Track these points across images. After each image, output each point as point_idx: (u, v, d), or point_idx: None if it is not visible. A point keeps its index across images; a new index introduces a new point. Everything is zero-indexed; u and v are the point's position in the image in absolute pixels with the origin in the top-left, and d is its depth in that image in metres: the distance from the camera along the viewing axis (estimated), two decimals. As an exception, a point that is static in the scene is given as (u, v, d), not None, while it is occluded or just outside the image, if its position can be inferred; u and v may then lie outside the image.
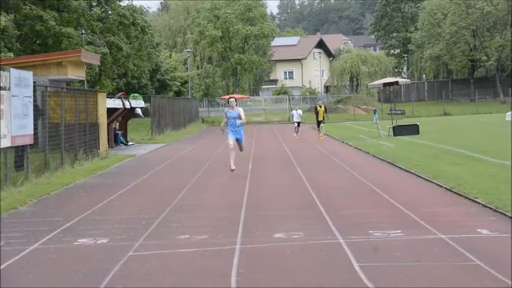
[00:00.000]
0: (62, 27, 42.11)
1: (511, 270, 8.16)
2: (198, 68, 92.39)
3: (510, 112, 50.94)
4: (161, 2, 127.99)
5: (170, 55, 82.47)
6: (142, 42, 53.34)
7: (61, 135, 22.72)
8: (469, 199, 13.83)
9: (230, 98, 23.04)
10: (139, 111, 40.59)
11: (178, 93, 76.38)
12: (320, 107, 38.29)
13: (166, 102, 50.08)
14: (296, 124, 39.71)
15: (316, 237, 10.62)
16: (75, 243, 10.72)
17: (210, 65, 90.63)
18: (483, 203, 13.09)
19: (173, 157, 28.57)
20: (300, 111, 41.10)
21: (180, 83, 77.49)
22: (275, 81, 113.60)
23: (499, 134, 34.06)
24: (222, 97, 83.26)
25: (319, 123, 37.93)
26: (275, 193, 16.28)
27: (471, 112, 68.30)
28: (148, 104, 47.10)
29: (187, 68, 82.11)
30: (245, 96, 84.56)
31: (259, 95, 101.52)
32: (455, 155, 23.25)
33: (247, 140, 25.72)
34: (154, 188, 18.00)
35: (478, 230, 10.77)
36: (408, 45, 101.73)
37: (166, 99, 53.07)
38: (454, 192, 14.90)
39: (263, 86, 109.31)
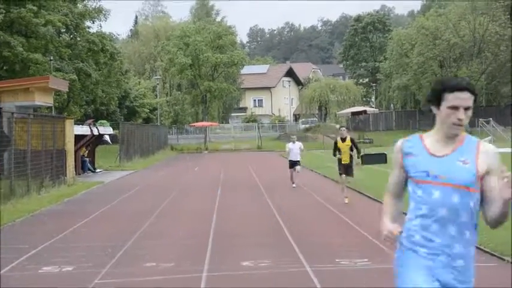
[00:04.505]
0: (29, 53, 41.83)
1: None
2: (167, 95, 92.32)
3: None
4: (131, 29, 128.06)
5: (139, 82, 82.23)
6: (112, 68, 53.20)
7: (27, 161, 22.51)
8: (435, 228, 13.90)
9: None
10: (107, 137, 40.43)
11: (147, 120, 76.17)
12: (343, 140, 20.03)
13: (135, 129, 49.93)
14: (291, 165, 25.63)
15: (284, 265, 10.61)
16: (39, 271, 10.58)
17: (179, 92, 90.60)
18: (449, 232, 13.16)
19: (141, 184, 28.43)
20: (299, 145, 25.87)
21: (149, 110, 77.34)
22: (244, 109, 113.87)
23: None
24: (191, 124, 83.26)
25: (345, 168, 19.95)
26: (243, 220, 16.26)
27: (438, 141, 68.91)
28: (117, 131, 46.89)
29: (156, 95, 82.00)
30: (214, 123, 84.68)
31: (228, 123, 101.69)
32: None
33: (211, 168, 25.53)
34: (122, 215, 17.88)
35: (444, 259, 10.82)
36: (376, 75, 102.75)
37: (135, 126, 52.92)
38: (421, 221, 14.97)
39: (232, 114, 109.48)
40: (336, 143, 20.26)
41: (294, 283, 9.48)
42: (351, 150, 19.91)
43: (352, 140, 20.22)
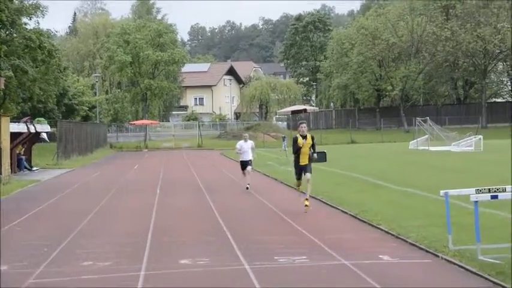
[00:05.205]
0: (-36, 49, 40.85)
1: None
2: (106, 93, 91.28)
3: (414, 141, 52.39)
4: (69, 26, 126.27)
5: (78, 79, 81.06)
6: (49, 66, 52.27)
7: (-39, 159, 22.00)
8: (372, 226, 14.10)
9: None
10: (44, 135, 39.76)
11: (86, 118, 75.17)
12: (304, 138, 17.18)
13: (73, 127, 49.22)
14: (244, 166, 23.78)
15: (222, 263, 10.61)
16: (-28, 271, 10.35)
17: (119, 90, 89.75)
18: (385, 229, 13.37)
19: (79, 182, 28.07)
20: (250, 143, 24.25)
21: (88, 108, 76.35)
22: (185, 107, 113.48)
23: (402, 162, 34.96)
24: (131, 122, 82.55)
25: (302, 170, 17.36)
26: (182, 219, 16.18)
27: (377, 140, 69.83)
28: (55, 129, 46.15)
29: (95, 93, 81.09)
30: (155, 121, 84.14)
31: (169, 121, 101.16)
32: (360, 183, 23.69)
33: (151, 167, 25.35)
34: (59, 214, 17.61)
35: (380, 256, 10.98)
36: (317, 74, 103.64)
37: (73, 124, 52.16)
38: (358, 219, 15.17)
39: (173, 112, 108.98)
40: (295, 141, 17.24)
41: (232, 281, 9.48)
42: (310, 150, 17.14)
43: (313, 139, 17.29)
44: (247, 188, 22.96)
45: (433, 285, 9.12)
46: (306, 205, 16.83)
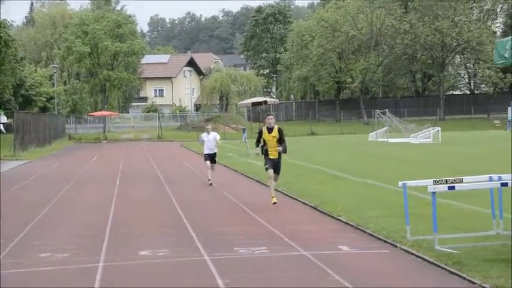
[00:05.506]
0: None
1: None
2: (65, 84, 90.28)
3: (373, 133, 52.81)
4: (26, 16, 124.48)
5: (35, 70, 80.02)
6: (5, 56, 51.54)
7: None
8: (332, 217, 14.17)
9: None
10: (1, 126, 39.26)
11: (44, 109, 74.27)
12: (270, 130, 16.34)
13: (30, 118, 48.61)
14: (207, 159, 22.23)
15: (182, 254, 10.58)
16: None
17: (77, 81, 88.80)
18: (345, 220, 13.46)
19: (37, 174, 27.75)
20: (214, 135, 22.51)
21: (46, 99, 75.43)
22: (145, 99, 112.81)
23: (362, 153, 35.20)
24: (90, 114, 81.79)
25: (273, 164, 16.38)
26: (141, 211, 16.10)
27: (337, 132, 70.18)
28: (11, 120, 45.53)
29: (53, 84, 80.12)
30: (114, 113, 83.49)
31: (128, 112, 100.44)
32: (321, 174, 23.79)
33: (110, 158, 25.12)
34: (16, 205, 17.38)
35: (339, 246, 11.06)
36: (277, 66, 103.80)
37: (31, 115, 51.51)
38: (319, 210, 15.24)
39: (133, 103, 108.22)
40: (260, 133, 16.51)
41: (192, 272, 9.47)
42: (278, 143, 16.18)
43: (280, 131, 16.25)
44: (210, 184, 21.69)
45: (391, 275, 9.21)
46: (273, 200, 16.31)
